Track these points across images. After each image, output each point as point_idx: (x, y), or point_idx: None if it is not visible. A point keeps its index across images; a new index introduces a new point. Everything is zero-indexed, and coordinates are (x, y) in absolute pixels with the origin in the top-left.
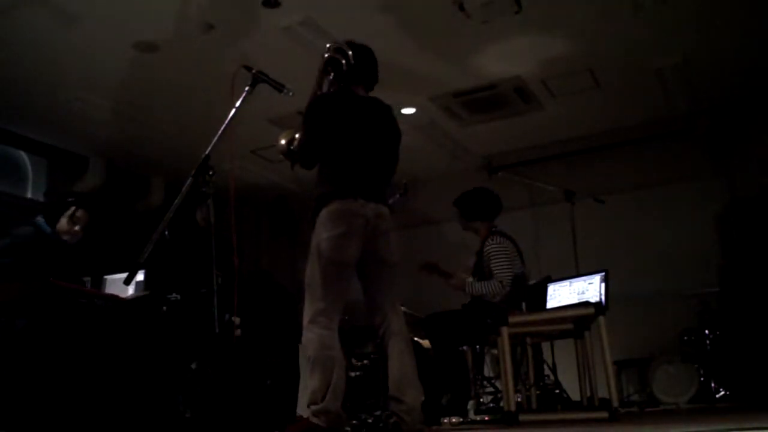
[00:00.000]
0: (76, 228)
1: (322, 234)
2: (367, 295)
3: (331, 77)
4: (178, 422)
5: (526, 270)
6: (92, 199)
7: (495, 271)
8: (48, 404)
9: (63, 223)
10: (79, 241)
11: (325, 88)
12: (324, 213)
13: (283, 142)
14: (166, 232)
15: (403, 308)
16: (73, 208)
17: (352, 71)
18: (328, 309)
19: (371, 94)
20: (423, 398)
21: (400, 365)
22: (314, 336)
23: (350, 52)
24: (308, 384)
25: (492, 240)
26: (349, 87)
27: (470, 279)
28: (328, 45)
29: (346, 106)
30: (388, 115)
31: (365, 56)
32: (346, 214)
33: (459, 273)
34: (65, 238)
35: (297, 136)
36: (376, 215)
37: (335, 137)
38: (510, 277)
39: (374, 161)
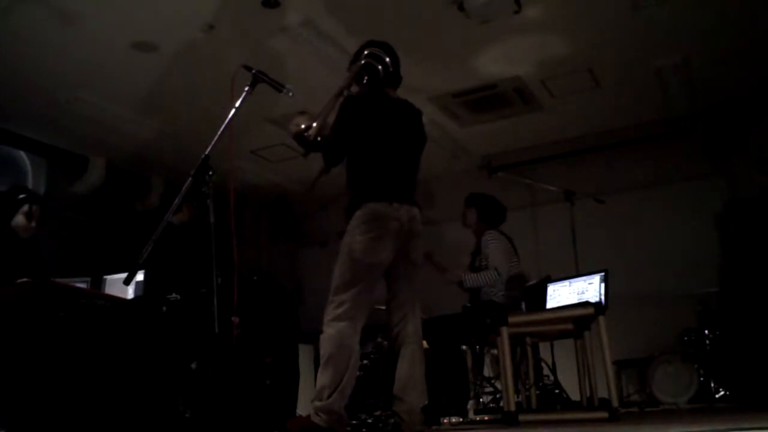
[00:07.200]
0: (33, 224)
1: (356, 236)
2: (391, 293)
3: (364, 81)
4: (178, 422)
5: (523, 270)
6: (40, 195)
7: (490, 259)
8: (48, 404)
9: (20, 219)
10: (33, 237)
11: (353, 90)
12: (358, 215)
13: (303, 125)
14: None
15: None
16: (27, 204)
17: (386, 73)
18: (353, 309)
19: None
20: (426, 402)
21: (409, 366)
22: (335, 332)
23: (387, 59)
24: (318, 379)
25: (489, 235)
26: (383, 89)
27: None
28: (360, 49)
29: (382, 108)
30: (418, 119)
31: (393, 56)
32: (380, 217)
33: (455, 270)
34: (22, 234)
35: (314, 124)
36: (409, 218)
37: (370, 139)
38: (505, 266)
39: (406, 164)
